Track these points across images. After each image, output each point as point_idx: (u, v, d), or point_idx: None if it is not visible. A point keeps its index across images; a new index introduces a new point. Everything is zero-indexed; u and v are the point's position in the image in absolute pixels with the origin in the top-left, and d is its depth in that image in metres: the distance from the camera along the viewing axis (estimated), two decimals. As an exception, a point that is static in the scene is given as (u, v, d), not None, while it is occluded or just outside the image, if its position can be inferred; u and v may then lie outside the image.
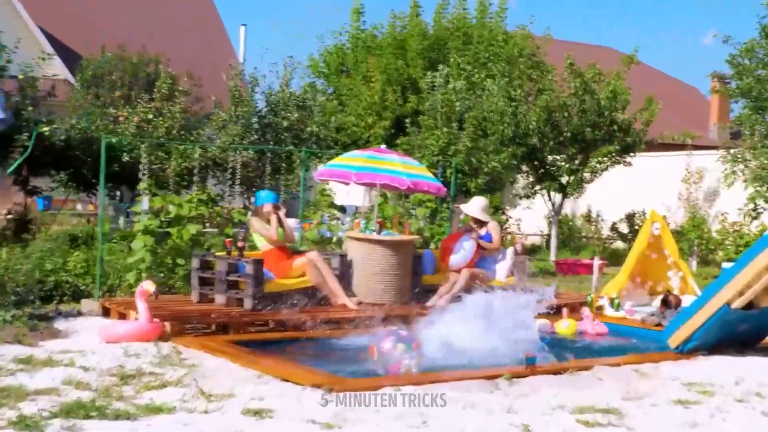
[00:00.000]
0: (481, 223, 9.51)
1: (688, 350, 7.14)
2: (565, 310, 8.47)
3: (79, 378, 5.55)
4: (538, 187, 16.51)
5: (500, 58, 18.57)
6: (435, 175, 11.74)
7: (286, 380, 5.61)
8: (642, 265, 9.51)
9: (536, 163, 16.26)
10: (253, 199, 12.94)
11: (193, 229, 9.23)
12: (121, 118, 15.02)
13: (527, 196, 17.00)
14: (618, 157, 16.01)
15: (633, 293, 9.53)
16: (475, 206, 9.50)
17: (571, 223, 19.89)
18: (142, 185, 9.38)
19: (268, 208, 8.52)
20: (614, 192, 18.10)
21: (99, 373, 5.72)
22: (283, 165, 14.62)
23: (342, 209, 14.38)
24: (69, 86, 20.89)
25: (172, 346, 6.69)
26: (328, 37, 22.17)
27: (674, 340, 7.24)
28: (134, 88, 17.91)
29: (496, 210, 15.96)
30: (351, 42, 21.84)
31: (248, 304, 8.05)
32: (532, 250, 18.10)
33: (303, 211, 11.42)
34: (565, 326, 8.25)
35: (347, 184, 9.40)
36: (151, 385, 5.41)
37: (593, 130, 15.39)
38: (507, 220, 17.15)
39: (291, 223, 10.45)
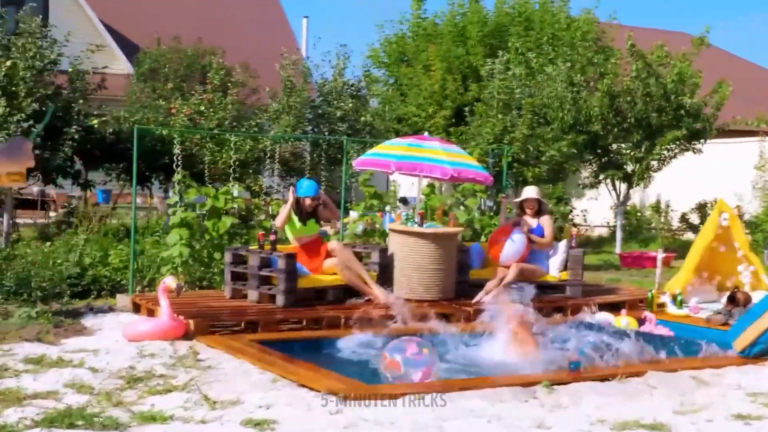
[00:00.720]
0: (538, 213, 8.97)
1: (754, 354, 6.42)
2: (623, 311, 7.88)
3: (84, 380, 5.24)
4: (601, 177, 15.67)
5: (562, 42, 17.77)
6: (487, 164, 11.16)
7: (303, 385, 5.18)
8: (709, 258, 8.76)
9: (599, 151, 15.44)
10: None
11: (228, 221, 8.90)
12: (173, 111, 14.88)
13: (592, 186, 16.19)
14: (687, 144, 15.05)
15: (699, 289, 8.79)
16: (533, 191, 9.11)
17: (639, 214, 18.95)
18: (176, 177, 9.09)
19: (289, 196, 8.07)
20: (685, 181, 17.13)
21: (106, 375, 5.41)
22: (327, 155, 14.23)
23: (404, 201, 13.94)
24: (129, 79, 20.93)
25: (189, 345, 6.33)
26: (388, 26, 21.71)
27: (740, 343, 6.52)
28: (188, 80, 17.76)
29: (559, 200, 15.23)
30: (411, 30, 21.33)
31: (280, 300, 7.67)
32: (598, 242, 17.30)
33: (346, 202, 10.99)
34: (624, 324, 7.64)
35: (389, 173, 8.89)
36: (157, 390, 5.05)
37: (659, 115, 14.49)
38: (571, 211, 16.38)
39: (353, 215, 10.05)
